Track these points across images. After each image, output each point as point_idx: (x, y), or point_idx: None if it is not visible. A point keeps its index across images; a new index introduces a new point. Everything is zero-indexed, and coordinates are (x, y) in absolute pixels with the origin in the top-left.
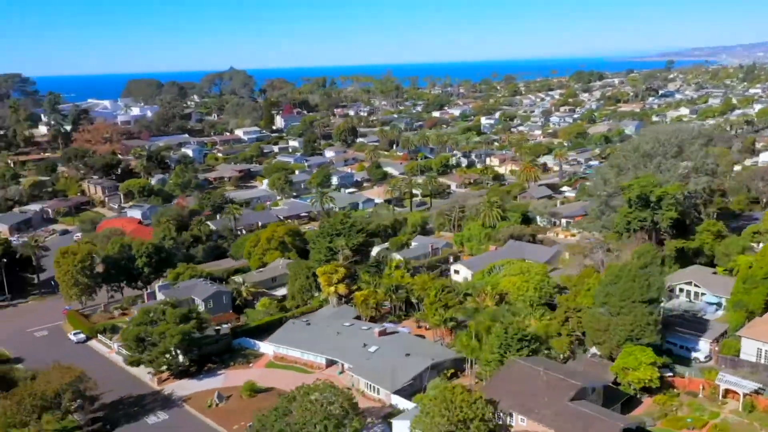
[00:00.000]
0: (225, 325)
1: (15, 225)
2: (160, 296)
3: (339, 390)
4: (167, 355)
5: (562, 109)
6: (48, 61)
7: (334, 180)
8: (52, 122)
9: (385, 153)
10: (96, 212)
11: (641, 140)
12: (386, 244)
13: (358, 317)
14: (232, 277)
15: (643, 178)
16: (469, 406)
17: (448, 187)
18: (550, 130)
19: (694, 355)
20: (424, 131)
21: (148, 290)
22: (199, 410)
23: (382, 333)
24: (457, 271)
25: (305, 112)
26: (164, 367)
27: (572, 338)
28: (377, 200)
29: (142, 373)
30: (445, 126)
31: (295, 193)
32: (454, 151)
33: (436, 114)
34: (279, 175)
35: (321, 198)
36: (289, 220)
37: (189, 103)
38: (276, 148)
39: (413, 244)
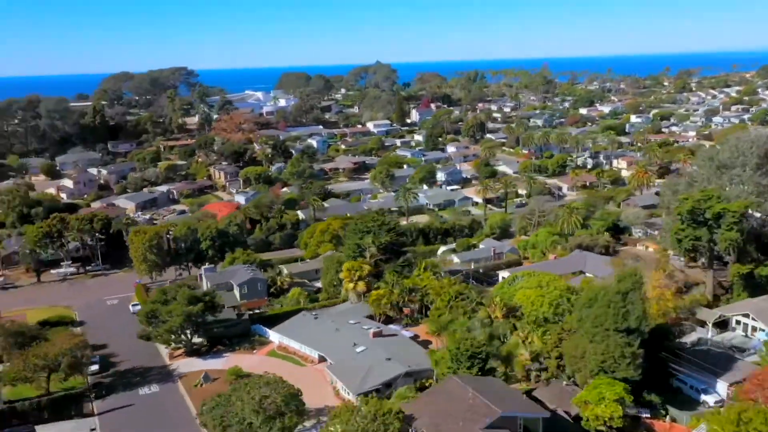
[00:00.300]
0: (253, 311)
1: (141, 203)
2: (204, 278)
3: (282, 386)
4: (175, 334)
5: (733, 108)
6: (213, 56)
7: (441, 176)
8: (201, 111)
9: (510, 150)
10: (215, 195)
11: (722, 148)
12: (453, 245)
13: (371, 316)
14: (280, 266)
15: (702, 191)
16: (371, 420)
17: (559, 189)
18: (706, 132)
19: (704, 397)
20: (547, 131)
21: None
22: (187, 388)
23: (377, 334)
24: (504, 278)
25: (445, 106)
26: (179, 345)
27: (555, 361)
28: (476, 199)
29: (163, 348)
30: (590, 124)
31: (396, 188)
32: (584, 151)
33: (582, 111)
34: (381, 169)
35: (403, 194)
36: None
37: (334, 95)
38: (398, 142)
39: (481, 246)
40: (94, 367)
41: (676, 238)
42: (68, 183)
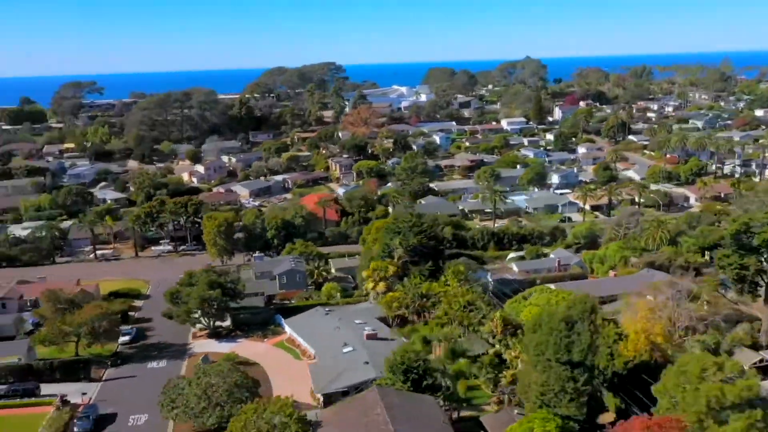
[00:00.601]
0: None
1: (255, 190)
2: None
3: (234, 376)
4: (193, 315)
5: None
6: (369, 51)
7: (555, 179)
8: (336, 105)
9: (651, 154)
10: (327, 187)
11: None
12: (522, 252)
13: (384, 318)
14: (330, 260)
15: (757, 212)
16: (269, 420)
17: (686, 199)
18: None
19: None
20: (682, 134)
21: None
22: (189, 367)
23: (371, 337)
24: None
25: (597, 104)
26: (203, 326)
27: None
28: (582, 205)
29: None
30: (764, 127)
31: (508, 188)
32: (736, 158)
33: (759, 113)
34: (486, 169)
35: (491, 196)
36: (474, 215)
37: (478, 91)
38: (526, 141)
39: (551, 256)
40: (125, 338)
41: (720, 265)
42: (200, 168)
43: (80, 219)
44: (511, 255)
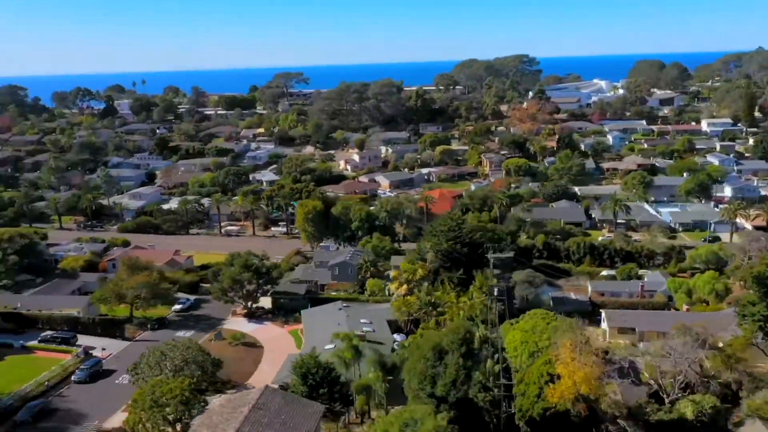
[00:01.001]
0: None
1: (396, 182)
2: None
3: (194, 353)
4: (226, 293)
5: None
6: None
7: (727, 191)
8: (512, 99)
9: None
10: (472, 182)
11: None
12: (614, 271)
13: (395, 321)
14: (393, 256)
15: None
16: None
17: None
18: None
19: None
20: None
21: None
22: (206, 341)
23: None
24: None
25: None
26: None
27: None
28: (746, 224)
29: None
30: None
31: (665, 198)
32: None
33: None
34: (635, 175)
35: (613, 205)
36: (604, 224)
37: (689, 86)
38: (718, 146)
39: (646, 279)
40: (177, 307)
41: (741, 313)
42: (356, 157)
43: (217, 198)
44: (603, 272)
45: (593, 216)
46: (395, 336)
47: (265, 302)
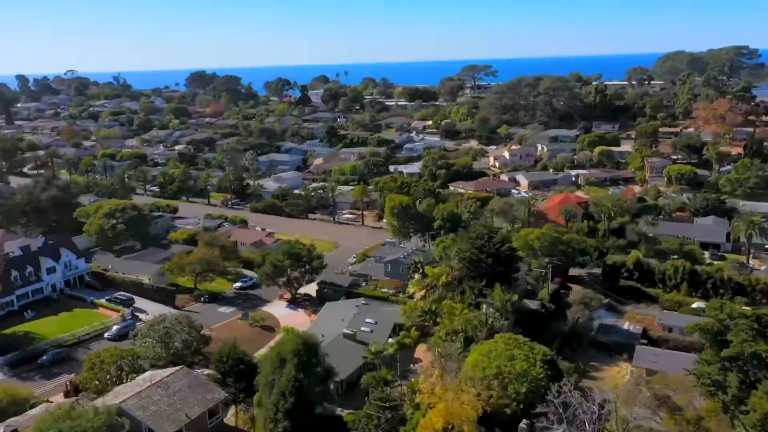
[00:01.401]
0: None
1: (536, 182)
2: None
3: (182, 327)
4: (270, 278)
5: None
6: None
7: None
8: (707, 96)
9: None
10: (627, 187)
11: None
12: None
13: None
14: None
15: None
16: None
17: None
18: None
19: None
20: None
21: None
22: (235, 319)
23: (347, 336)
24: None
25: None
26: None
27: None
28: None
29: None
30: None
31: None
32: None
33: None
34: None
35: (747, 226)
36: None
37: None
38: None
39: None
40: (238, 284)
41: (694, 372)
42: (506, 154)
43: (332, 187)
44: (694, 305)
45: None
46: (390, 340)
47: (313, 291)
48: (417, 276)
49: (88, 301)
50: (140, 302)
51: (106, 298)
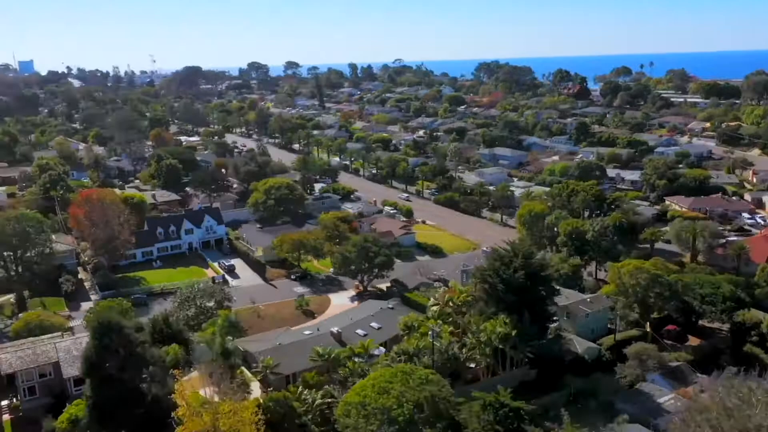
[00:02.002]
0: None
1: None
2: None
3: (212, 293)
4: (346, 269)
5: None
6: None
7: None
8: None
9: None
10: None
11: None
12: None
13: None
14: None
15: None
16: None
17: None
18: None
19: None
20: None
21: None
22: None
23: (334, 336)
24: None
25: None
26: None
27: None
28: None
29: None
30: None
31: None
32: None
33: None
34: None
35: None
36: None
37: None
38: None
39: None
40: (332, 269)
41: None
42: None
43: (501, 187)
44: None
45: None
46: (382, 349)
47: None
48: (441, 289)
49: (206, 261)
50: (243, 271)
51: (218, 262)
